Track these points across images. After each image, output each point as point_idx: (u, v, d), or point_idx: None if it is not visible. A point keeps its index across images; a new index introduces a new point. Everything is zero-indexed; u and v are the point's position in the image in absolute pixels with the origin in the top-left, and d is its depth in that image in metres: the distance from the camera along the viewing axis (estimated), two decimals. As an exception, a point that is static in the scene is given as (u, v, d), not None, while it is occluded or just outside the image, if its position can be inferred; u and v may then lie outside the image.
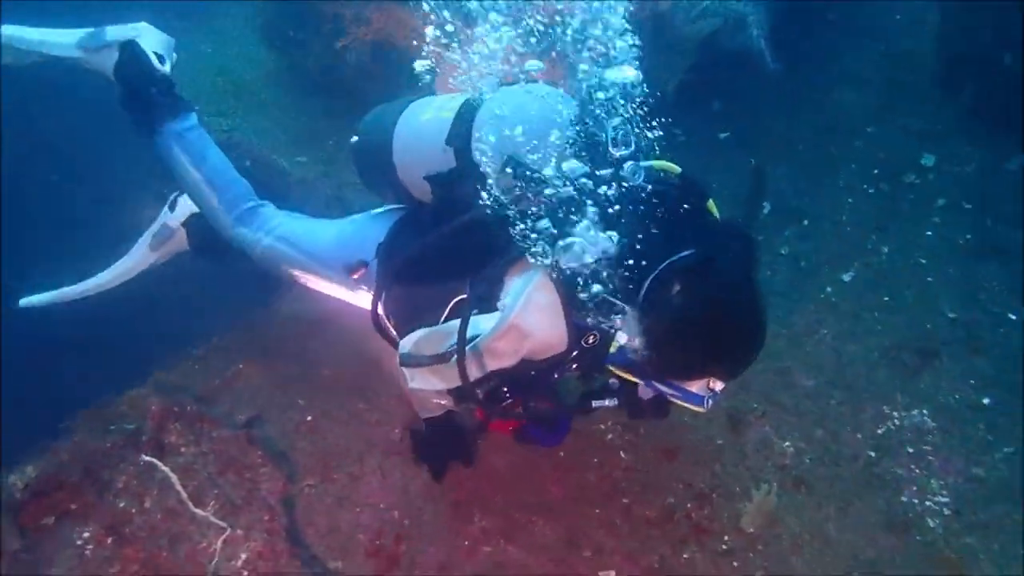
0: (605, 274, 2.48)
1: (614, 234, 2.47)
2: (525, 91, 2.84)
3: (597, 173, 2.56)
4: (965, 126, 4.74)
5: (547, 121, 2.70)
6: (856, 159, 4.80)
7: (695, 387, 2.51)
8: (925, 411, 3.59)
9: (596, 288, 2.49)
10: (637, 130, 2.59)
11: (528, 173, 2.65)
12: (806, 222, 4.61)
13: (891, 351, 3.87)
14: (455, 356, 2.55)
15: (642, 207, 2.49)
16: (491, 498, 3.38)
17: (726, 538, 3.22)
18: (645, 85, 2.62)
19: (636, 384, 2.76)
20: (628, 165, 2.52)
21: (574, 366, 2.79)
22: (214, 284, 4.30)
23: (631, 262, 2.43)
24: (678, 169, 2.67)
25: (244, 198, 3.46)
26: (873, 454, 3.47)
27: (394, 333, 3.02)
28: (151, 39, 3.44)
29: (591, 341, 2.60)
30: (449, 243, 2.75)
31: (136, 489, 3.20)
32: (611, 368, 2.67)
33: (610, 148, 2.57)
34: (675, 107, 4.61)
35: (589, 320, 2.56)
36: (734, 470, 3.46)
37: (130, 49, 3.38)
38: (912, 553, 3.12)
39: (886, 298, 4.10)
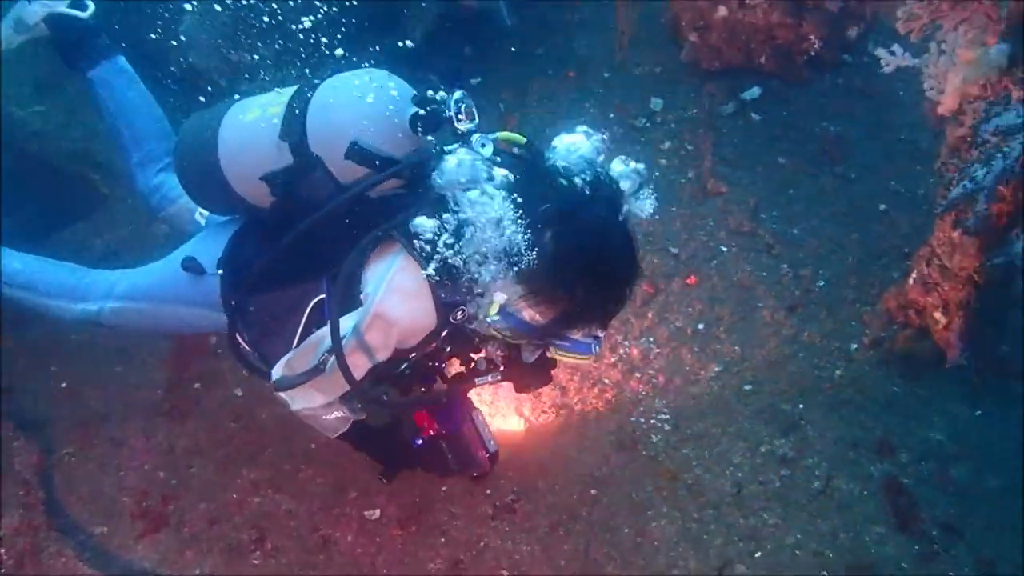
0: (470, 244, 2.52)
1: (475, 202, 2.50)
2: (353, 75, 2.81)
3: (445, 149, 2.62)
4: (689, 73, 5.18)
5: (385, 102, 2.70)
6: (595, 103, 5.13)
7: (579, 334, 2.62)
8: (652, 338, 4.05)
9: (462, 259, 2.53)
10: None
11: (374, 156, 2.66)
12: (550, 166, 4.88)
13: (625, 286, 4.28)
14: (328, 363, 2.55)
15: (499, 174, 2.56)
16: (259, 452, 3.50)
17: (480, 467, 3.51)
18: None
19: (518, 352, 2.86)
20: (476, 137, 2.59)
21: (448, 346, 2.84)
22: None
23: (497, 226, 2.48)
24: (523, 139, 2.75)
25: (66, 278, 3.28)
26: (607, 381, 3.88)
27: (250, 352, 2.95)
28: None
29: (459, 316, 2.64)
30: (298, 244, 2.70)
31: None
32: (495, 331, 2.69)
33: (455, 122, 2.62)
34: (426, 55, 4.77)
35: (456, 295, 2.60)
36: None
37: None
38: (638, 466, 3.53)
39: (619, 238, 4.47)
